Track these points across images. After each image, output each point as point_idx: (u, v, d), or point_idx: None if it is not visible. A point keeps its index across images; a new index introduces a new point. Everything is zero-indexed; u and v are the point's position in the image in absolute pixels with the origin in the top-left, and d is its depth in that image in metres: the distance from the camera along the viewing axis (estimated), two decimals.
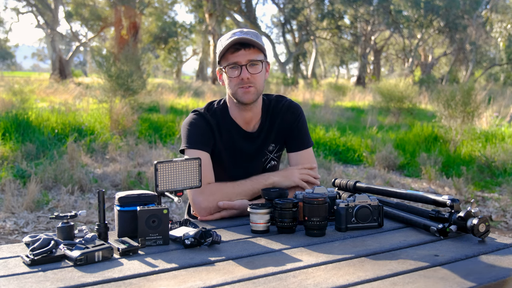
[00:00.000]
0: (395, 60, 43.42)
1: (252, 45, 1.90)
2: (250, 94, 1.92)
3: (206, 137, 1.98)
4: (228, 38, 1.90)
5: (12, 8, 42.26)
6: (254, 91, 1.93)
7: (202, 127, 1.99)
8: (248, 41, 1.88)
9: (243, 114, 2.01)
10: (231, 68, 1.91)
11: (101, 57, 10.04)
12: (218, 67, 1.99)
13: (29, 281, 1.20)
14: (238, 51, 1.89)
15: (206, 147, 1.96)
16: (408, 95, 12.21)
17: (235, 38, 1.87)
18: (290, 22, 31.61)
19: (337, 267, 1.31)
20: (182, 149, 1.99)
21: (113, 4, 23.39)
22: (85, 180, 5.29)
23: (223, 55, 1.92)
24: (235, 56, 1.89)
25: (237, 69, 1.90)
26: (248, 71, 1.90)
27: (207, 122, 2.00)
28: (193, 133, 1.98)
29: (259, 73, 1.93)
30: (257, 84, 1.93)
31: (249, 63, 1.90)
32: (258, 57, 1.92)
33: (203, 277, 1.23)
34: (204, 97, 16.95)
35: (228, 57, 1.91)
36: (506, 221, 4.68)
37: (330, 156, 7.25)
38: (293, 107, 2.09)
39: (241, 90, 1.92)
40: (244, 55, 1.89)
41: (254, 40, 1.88)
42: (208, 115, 2.02)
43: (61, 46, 38.08)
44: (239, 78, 1.90)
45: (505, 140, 8.15)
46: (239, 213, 1.87)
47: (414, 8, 27.89)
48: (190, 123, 2.00)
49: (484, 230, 1.52)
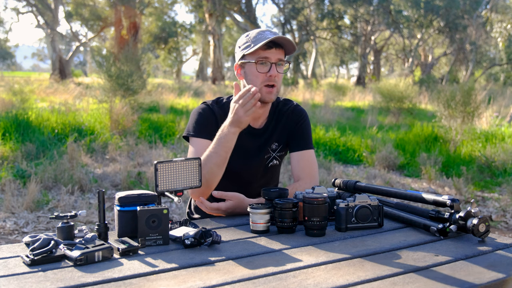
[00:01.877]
0: (395, 60, 43.41)
1: (282, 45, 1.96)
2: (272, 94, 1.99)
3: (209, 126, 2.02)
4: (259, 34, 1.95)
5: (12, 8, 42.28)
6: (275, 91, 2.00)
7: (208, 117, 2.05)
8: (284, 41, 1.94)
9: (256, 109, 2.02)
10: (261, 63, 1.95)
11: (101, 57, 10.04)
12: (241, 61, 2.01)
13: (29, 281, 1.20)
14: (271, 48, 1.94)
15: (209, 136, 1.99)
16: (408, 95, 12.21)
17: (274, 37, 1.91)
18: (290, 22, 31.59)
19: (337, 267, 1.31)
20: (185, 135, 2.06)
21: (113, 4, 23.39)
22: (85, 180, 5.29)
23: (255, 50, 1.95)
24: (267, 52, 1.94)
25: (267, 65, 1.95)
26: (276, 69, 1.95)
27: (213, 113, 2.06)
28: (199, 122, 2.04)
29: (282, 73, 2.00)
30: (279, 84, 2.00)
31: (278, 61, 1.96)
32: (284, 58, 2.00)
33: (203, 277, 1.23)
34: (204, 97, 16.96)
35: (259, 52, 1.94)
36: (506, 221, 4.68)
37: (330, 156, 7.24)
38: (299, 110, 2.17)
39: (265, 88, 1.97)
40: (275, 54, 1.94)
41: (291, 40, 1.93)
42: (215, 107, 2.08)
43: (61, 46, 38.08)
44: (267, 75, 1.95)
45: (505, 140, 8.14)
46: (236, 206, 1.86)
47: (414, 8, 27.88)
48: (198, 112, 2.07)
49: (484, 230, 1.52)
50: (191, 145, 2.04)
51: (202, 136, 2.01)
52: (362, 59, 31.35)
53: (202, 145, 2.00)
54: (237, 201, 1.86)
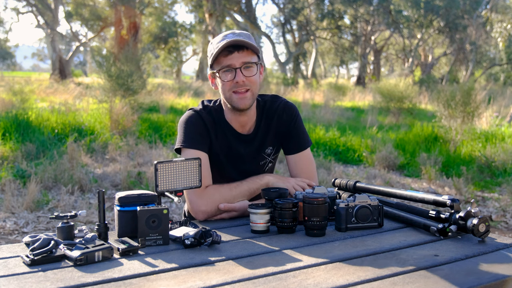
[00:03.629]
0: (395, 60, 43.41)
1: (246, 47, 1.83)
2: (246, 99, 1.86)
3: (203, 136, 1.92)
4: (220, 41, 1.84)
5: (12, 8, 42.26)
6: (250, 96, 1.87)
7: (199, 126, 1.92)
8: (242, 43, 1.82)
9: (238, 118, 1.96)
10: (224, 71, 1.85)
11: (101, 57, 10.05)
12: (210, 71, 1.92)
13: (29, 281, 1.20)
14: (232, 53, 1.82)
15: (204, 147, 1.91)
16: (408, 95, 12.22)
17: (228, 41, 1.80)
18: (290, 22, 31.61)
19: (337, 267, 1.30)
20: (177, 148, 1.93)
21: (113, 4, 23.40)
22: (85, 180, 5.29)
23: (215, 58, 1.86)
24: (228, 59, 1.83)
25: (231, 72, 1.84)
26: (243, 74, 1.83)
27: (204, 122, 1.93)
28: (191, 132, 1.91)
29: (254, 75, 1.86)
30: (253, 87, 1.87)
31: (243, 65, 1.83)
32: (252, 59, 1.85)
33: (203, 277, 1.23)
34: (204, 97, 16.96)
35: (221, 60, 1.84)
36: (506, 221, 4.68)
37: (330, 156, 7.25)
38: (288, 108, 2.04)
39: (236, 95, 1.86)
40: (238, 58, 1.83)
41: (248, 41, 1.82)
42: (204, 114, 1.95)
43: (61, 46, 38.08)
44: (234, 82, 1.84)
45: (505, 140, 8.14)
46: (239, 214, 1.86)
47: (414, 8, 27.89)
48: (187, 121, 1.93)
49: (484, 230, 1.52)
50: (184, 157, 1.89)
51: (198, 148, 1.89)
52: (362, 59, 31.35)
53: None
54: (242, 210, 1.85)
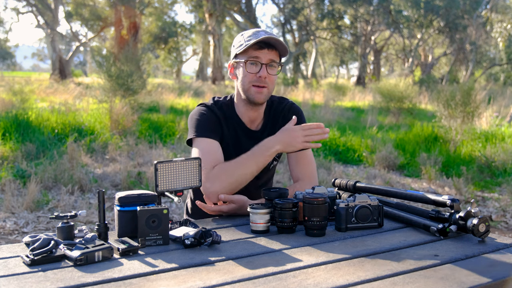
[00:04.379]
0: (395, 60, 43.42)
1: (275, 47, 1.93)
2: (262, 94, 1.95)
3: (215, 126, 1.98)
4: (252, 35, 1.93)
5: (12, 8, 42.28)
6: (266, 92, 1.96)
7: (210, 118, 1.99)
8: (275, 42, 1.91)
9: (250, 112, 2.03)
10: (251, 63, 1.93)
11: (101, 57, 10.05)
12: (233, 61, 2.00)
13: (29, 281, 1.20)
14: (262, 49, 1.91)
15: (216, 135, 1.96)
16: (408, 95, 12.22)
17: (265, 36, 1.88)
18: (290, 22, 31.60)
19: (337, 267, 1.30)
20: (190, 138, 1.97)
21: (113, 4, 23.40)
22: (85, 180, 5.29)
23: (245, 49, 1.93)
24: (258, 52, 1.91)
25: (257, 66, 1.92)
26: (267, 71, 1.92)
27: (215, 114, 2.01)
28: (202, 122, 1.97)
29: (275, 75, 1.96)
30: (270, 85, 1.96)
31: (270, 62, 1.92)
32: (277, 59, 1.96)
33: (203, 277, 1.23)
34: (204, 97, 16.96)
35: (250, 52, 1.92)
36: (506, 221, 4.68)
37: (330, 156, 7.25)
38: (294, 109, 2.14)
39: (254, 89, 1.94)
40: (266, 54, 1.91)
41: (282, 42, 1.91)
42: (215, 108, 2.03)
43: (61, 46, 38.08)
44: (257, 76, 1.92)
45: (505, 140, 8.14)
46: (238, 208, 1.85)
47: (414, 8, 27.89)
48: (199, 113, 2.00)
49: (484, 230, 1.52)
50: (196, 147, 1.94)
51: (209, 136, 1.94)
52: (362, 59, 31.35)
53: (209, 144, 1.93)
54: (241, 204, 1.85)
